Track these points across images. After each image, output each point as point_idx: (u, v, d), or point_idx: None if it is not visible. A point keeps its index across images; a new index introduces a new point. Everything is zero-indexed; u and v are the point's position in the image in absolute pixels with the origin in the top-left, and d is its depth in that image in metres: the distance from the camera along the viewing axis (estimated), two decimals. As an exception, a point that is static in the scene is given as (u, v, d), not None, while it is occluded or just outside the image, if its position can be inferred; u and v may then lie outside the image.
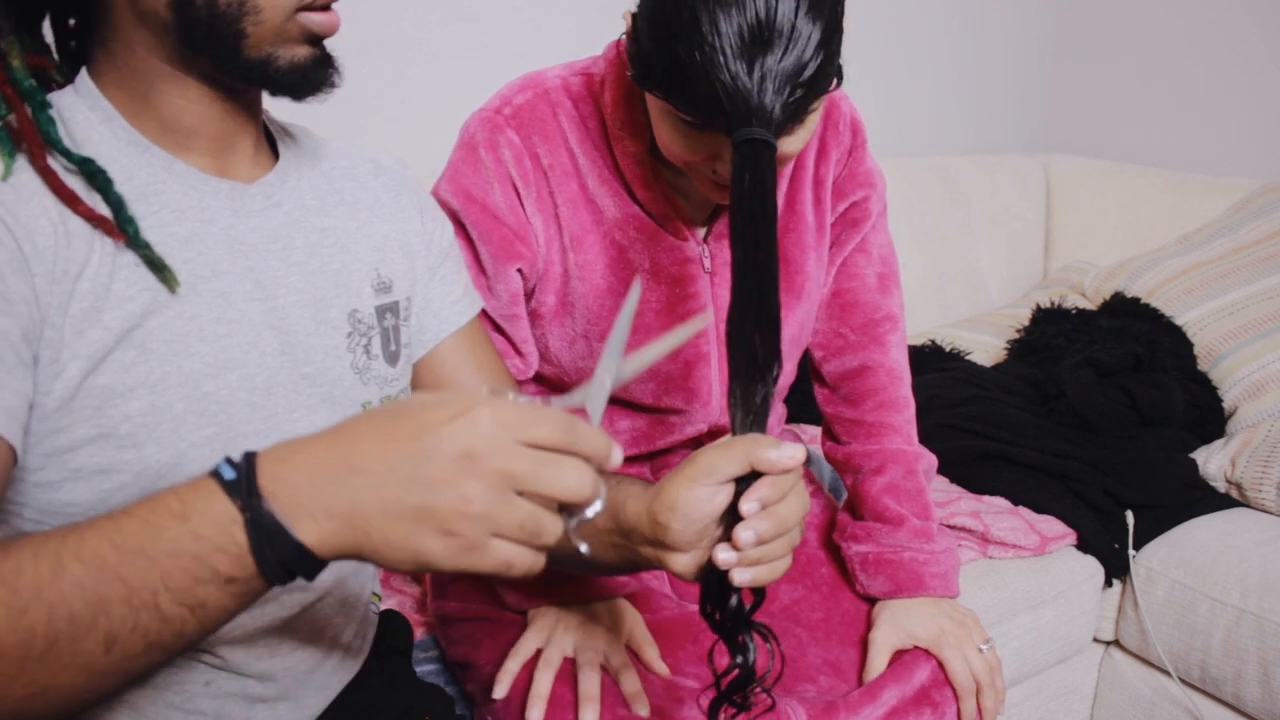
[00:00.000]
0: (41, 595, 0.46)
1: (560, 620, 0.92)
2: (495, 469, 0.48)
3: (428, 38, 1.66)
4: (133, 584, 0.47)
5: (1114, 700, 1.55)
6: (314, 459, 0.48)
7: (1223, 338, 1.76)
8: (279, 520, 0.47)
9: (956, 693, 0.97)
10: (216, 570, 0.48)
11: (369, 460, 0.48)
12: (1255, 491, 1.51)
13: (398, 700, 0.85)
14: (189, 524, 0.47)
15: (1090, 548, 1.45)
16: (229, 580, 0.48)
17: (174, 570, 0.47)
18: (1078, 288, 2.08)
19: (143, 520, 0.48)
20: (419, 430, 0.48)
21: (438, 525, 0.48)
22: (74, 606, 0.46)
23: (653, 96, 0.83)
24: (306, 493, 0.48)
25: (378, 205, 0.79)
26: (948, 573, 1.04)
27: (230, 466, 0.49)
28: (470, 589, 1.03)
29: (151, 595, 0.47)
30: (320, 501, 0.48)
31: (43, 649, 0.46)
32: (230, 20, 0.61)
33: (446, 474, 0.47)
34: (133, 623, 0.47)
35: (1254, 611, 1.34)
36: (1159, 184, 2.19)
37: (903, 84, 2.35)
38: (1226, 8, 2.24)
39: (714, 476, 0.61)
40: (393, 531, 0.48)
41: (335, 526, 0.48)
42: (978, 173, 2.25)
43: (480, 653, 0.98)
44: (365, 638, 0.84)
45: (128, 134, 0.65)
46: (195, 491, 0.48)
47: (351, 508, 0.48)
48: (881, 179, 1.08)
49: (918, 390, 1.68)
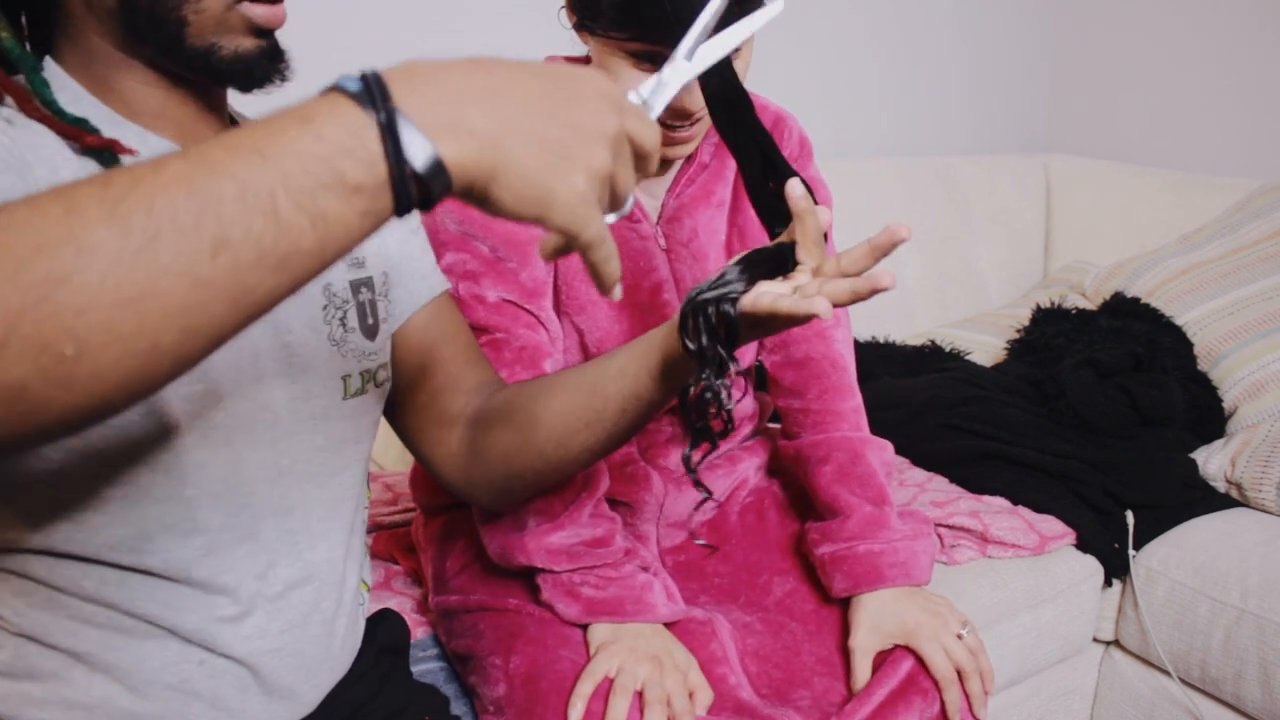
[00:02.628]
0: (139, 186, 0.40)
1: (633, 652, 0.92)
2: (622, 121, 0.49)
3: (428, 38, 1.66)
4: (247, 181, 0.41)
5: (1114, 700, 1.55)
6: (453, 80, 0.45)
7: (1223, 338, 1.76)
8: (416, 126, 0.43)
9: (938, 684, 0.97)
10: (343, 176, 0.42)
11: (514, 87, 0.46)
12: (1255, 491, 1.51)
13: (394, 699, 0.85)
14: (313, 125, 0.42)
15: (1090, 547, 1.45)
16: (355, 190, 0.43)
17: (295, 171, 0.42)
18: (1078, 288, 2.08)
19: (256, 125, 0.43)
20: (560, 73, 0.48)
21: (571, 156, 0.47)
22: (178, 200, 0.40)
23: (601, 45, 0.89)
24: (444, 104, 0.44)
25: None
26: (908, 561, 1.03)
27: (353, 80, 0.44)
28: (471, 581, 1.04)
29: (269, 195, 0.41)
30: (461, 114, 0.45)
31: (140, 242, 0.40)
32: (171, 7, 0.62)
33: (586, 108, 0.47)
34: (245, 225, 0.41)
35: (1254, 611, 1.34)
36: (1159, 184, 2.19)
37: (903, 84, 2.35)
38: (1226, 8, 2.24)
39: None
40: (531, 158, 0.46)
41: (476, 144, 0.45)
42: (978, 173, 2.25)
43: (482, 644, 0.98)
44: (355, 629, 0.84)
45: (100, 111, 0.66)
46: (317, 100, 0.44)
47: (495, 126, 0.45)
48: (825, 190, 1.11)
49: (918, 390, 1.70)
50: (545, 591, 0.97)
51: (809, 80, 2.15)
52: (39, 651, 0.68)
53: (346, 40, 1.56)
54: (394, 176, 0.43)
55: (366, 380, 0.78)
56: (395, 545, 1.27)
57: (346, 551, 0.80)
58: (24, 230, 0.39)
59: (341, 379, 0.76)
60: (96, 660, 0.68)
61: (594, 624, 0.96)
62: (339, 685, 0.81)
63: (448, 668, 1.07)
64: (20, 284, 0.38)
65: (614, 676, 0.89)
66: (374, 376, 0.79)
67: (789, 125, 1.10)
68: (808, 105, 1.21)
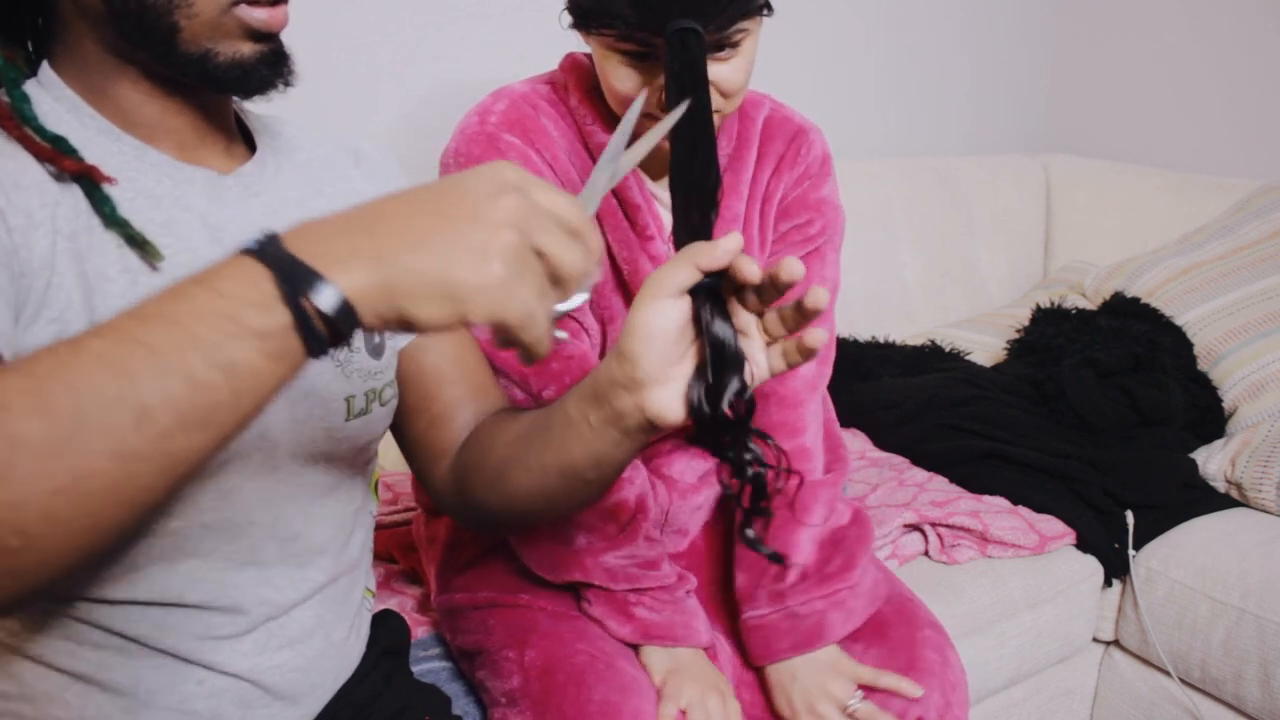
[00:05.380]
0: (60, 372, 0.42)
1: (697, 682, 0.94)
2: (526, 199, 0.48)
3: (428, 38, 1.66)
4: (159, 348, 0.43)
5: (1114, 700, 1.55)
6: (338, 220, 0.47)
7: (1223, 338, 1.76)
8: (306, 264, 0.44)
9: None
10: (246, 324, 0.44)
11: (394, 207, 0.47)
12: (1255, 491, 1.51)
13: (395, 700, 0.85)
14: (213, 286, 0.44)
15: (1090, 547, 1.45)
16: (261, 335, 0.44)
17: (201, 330, 0.43)
18: (1078, 288, 2.08)
19: (162, 294, 0.44)
20: (453, 176, 0.48)
21: (469, 246, 0.46)
22: (96, 379, 0.42)
23: (598, 45, 0.90)
24: (332, 240, 0.46)
25: (357, 195, 0.78)
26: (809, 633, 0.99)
27: (251, 240, 0.46)
28: (476, 579, 1.04)
29: (179, 357, 0.43)
30: (348, 244, 0.46)
31: (69, 429, 0.41)
32: (161, 12, 0.60)
33: (478, 196, 0.47)
34: (162, 391, 0.42)
35: (1254, 611, 1.34)
36: (1159, 184, 2.19)
37: (903, 84, 2.35)
38: (1226, 8, 2.24)
39: (665, 290, 0.61)
40: (426, 259, 0.45)
41: (365, 266, 0.45)
42: (978, 173, 2.25)
43: (492, 638, 0.98)
44: (360, 635, 0.83)
45: (96, 123, 0.64)
46: (219, 265, 0.45)
47: (381, 241, 0.46)
48: (837, 214, 1.08)
49: (918, 390, 1.70)
50: (596, 607, 0.97)
51: (808, 80, 2.15)
52: (33, 670, 0.66)
53: (347, 39, 1.57)
54: (296, 316, 0.44)
55: (371, 399, 0.76)
56: (395, 544, 1.27)
57: (352, 565, 0.79)
58: None
59: (345, 400, 0.73)
60: (93, 680, 0.66)
61: (646, 647, 0.97)
62: (341, 688, 0.80)
63: (449, 667, 1.07)
64: None
65: (687, 709, 0.91)
66: (379, 395, 0.77)
67: (809, 140, 1.07)
68: (807, 105, 1.20)
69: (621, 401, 0.64)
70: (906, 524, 1.40)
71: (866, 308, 1.99)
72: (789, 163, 1.06)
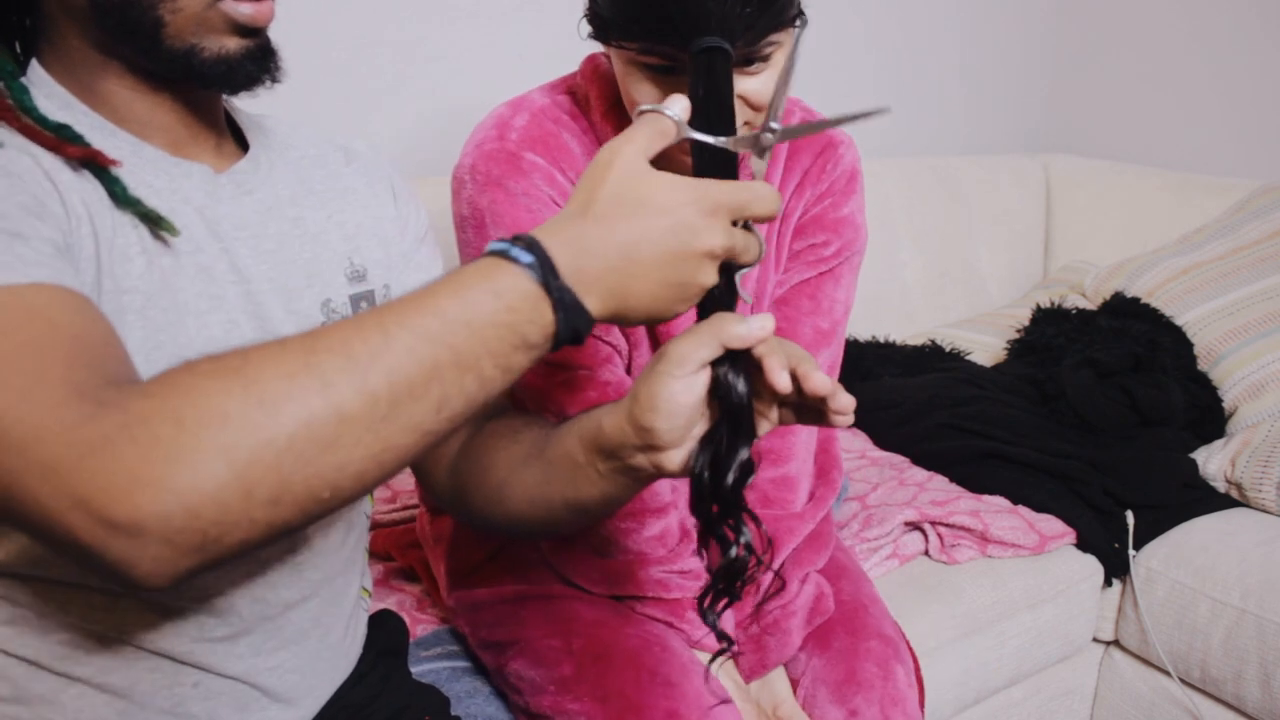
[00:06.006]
0: (378, 361, 0.49)
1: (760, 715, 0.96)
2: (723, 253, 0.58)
3: (428, 38, 1.66)
4: (460, 350, 0.51)
5: (1114, 700, 1.55)
6: (604, 259, 0.55)
7: (1223, 338, 1.76)
8: (580, 300, 0.55)
9: None
10: (526, 339, 0.54)
11: (647, 261, 0.56)
12: (1255, 491, 1.51)
13: (393, 700, 0.85)
14: (503, 300, 0.53)
15: (1090, 547, 1.45)
16: (533, 347, 0.54)
17: (493, 338, 0.53)
18: (1078, 288, 2.08)
19: (458, 298, 0.53)
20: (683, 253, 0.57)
21: (680, 304, 0.58)
22: (409, 369, 0.50)
23: (619, 57, 0.85)
24: (597, 279, 0.55)
25: (350, 193, 0.78)
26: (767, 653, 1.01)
27: (522, 250, 0.54)
28: (498, 572, 1.04)
29: (475, 360, 0.52)
30: (606, 285, 0.55)
31: (385, 411, 0.49)
32: (145, 7, 0.59)
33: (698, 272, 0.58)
34: (459, 385, 0.52)
35: (1254, 611, 1.34)
36: (1159, 184, 2.19)
37: (903, 84, 2.35)
38: (1227, 8, 2.24)
39: (687, 366, 0.61)
40: (647, 315, 0.58)
41: (613, 308, 0.56)
42: (978, 173, 2.25)
43: (528, 629, 0.98)
44: (357, 635, 0.83)
45: (90, 119, 0.64)
46: (499, 272, 0.53)
47: (625, 296, 0.56)
48: (857, 234, 1.05)
49: (918, 390, 1.70)
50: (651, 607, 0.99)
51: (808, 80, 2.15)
52: (29, 673, 0.66)
53: (347, 40, 1.56)
54: (559, 332, 0.55)
55: None
56: (393, 543, 1.27)
57: (347, 565, 0.79)
58: (287, 406, 0.47)
59: None
60: (89, 683, 0.66)
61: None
62: (339, 689, 0.80)
63: (450, 667, 1.07)
64: (294, 452, 0.47)
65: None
66: None
67: (838, 155, 1.03)
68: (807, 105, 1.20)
69: (635, 460, 0.64)
70: (907, 521, 1.40)
71: (866, 308, 1.98)
72: (813, 178, 1.02)
